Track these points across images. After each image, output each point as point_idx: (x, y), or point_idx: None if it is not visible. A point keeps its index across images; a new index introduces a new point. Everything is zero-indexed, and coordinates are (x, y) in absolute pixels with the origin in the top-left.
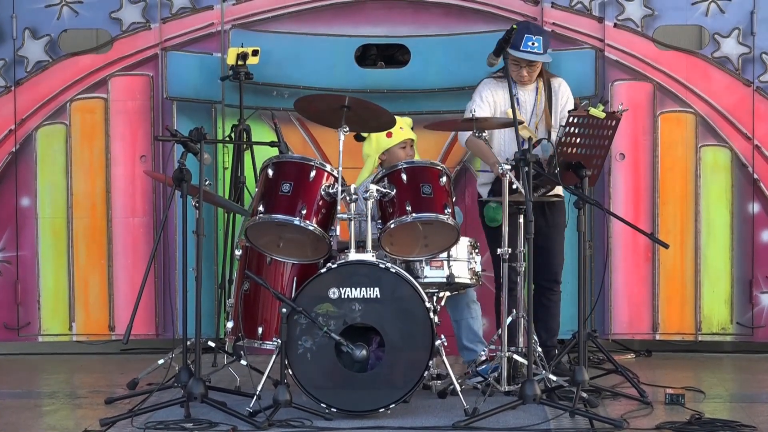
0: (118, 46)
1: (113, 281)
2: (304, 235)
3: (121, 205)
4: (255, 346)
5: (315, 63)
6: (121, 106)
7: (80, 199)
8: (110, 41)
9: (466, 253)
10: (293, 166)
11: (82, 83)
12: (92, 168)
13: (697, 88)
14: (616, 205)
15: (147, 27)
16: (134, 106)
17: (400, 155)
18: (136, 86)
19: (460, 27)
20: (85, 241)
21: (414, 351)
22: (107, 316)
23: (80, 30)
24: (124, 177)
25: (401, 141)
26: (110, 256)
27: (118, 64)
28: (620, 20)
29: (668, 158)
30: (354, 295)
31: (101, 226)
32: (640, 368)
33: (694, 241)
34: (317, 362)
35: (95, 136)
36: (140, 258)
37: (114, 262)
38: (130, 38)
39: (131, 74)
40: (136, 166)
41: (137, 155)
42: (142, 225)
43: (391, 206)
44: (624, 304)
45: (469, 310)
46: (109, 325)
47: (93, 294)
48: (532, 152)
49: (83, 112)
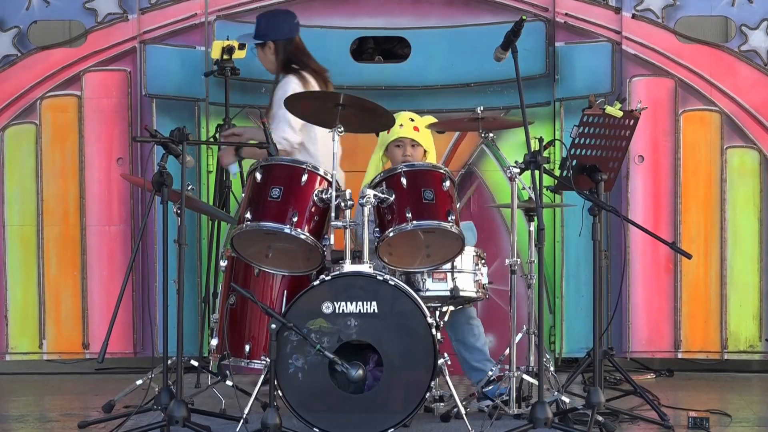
0: (93, 39)
1: (87, 295)
2: (295, 244)
3: (96, 212)
4: (242, 365)
5: None
6: (95, 104)
7: (51, 205)
8: (84, 33)
9: (472, 264)
10: (283, 170)
11: (53, 79)
12: (64, 171)
13: (723, 84)
14: (634, 211)
15: (124, 18)
16: (110, 104)
17: (394, 155)
18: (112, 82)
19: (464, 18)
20: (56, 251)
21: (414, 370)
22: (80, 333)
23: (51, 21)
24: (99, 181)
25: (395, 138)
26: (84, 268)
27: (92, 59)
28: (639, 11)
29: (691, 161)
30: (349, 310)
31: (74, 235)
32: (661, 389)
33: (719, 250)
34: (309, 383)
35: (68, 136)
36: (116, 269)
37: (88, 273)
38: (105, 30)
39: (107, 69)
40: (112, 169)
41: (113, 158)
42: (118, 233)
43: (390, 213)
44: (643, 319)
45: (470, 327)
46: (83, 342)
47: (65, 309)
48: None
49: (55, 111)
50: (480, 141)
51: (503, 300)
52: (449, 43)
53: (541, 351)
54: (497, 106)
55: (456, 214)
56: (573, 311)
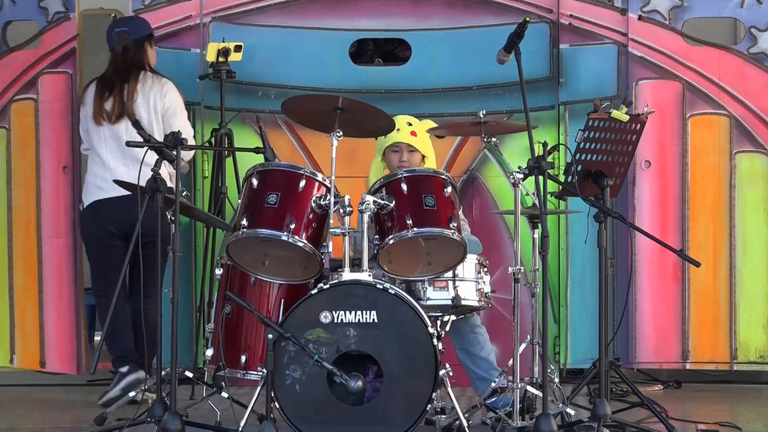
0: (46, 40)
1: (44, 310)
2: (292, 252)
3: (50, 223)
4: (238, 376)
5: (305, 60)
6: (48, 108)
7: (18, 214)
8: (38, 34)
9: (474, 272)
10: (280, 175)
11: (19, 81)
12: (26, 179)
13: (732, 87)
14: (640, 218)
15: (66, 17)
16: (59, 109)
17: (391, 160)
18: (60, 85)
19: (466, 20)
20: (22, 262)
21: (415, 382)
22: (38, 350)
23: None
24: (51, 190)
25: (392, 144)
26: (41, 281)
27: (46, 60)
28: (645, 12)
29: (699, 166)
30: (348, 320)
31: (33, 246)
32: (669, 401)
33: (728, 258)
34: (307, 394)
35: (28, 142)
36: (66, 284)
37: (44, 287)
38: (54, 30)
39: (55, 72)
40: (59, 177)
41: (61, 165)
42: (65, 246)
43: (390, 220)
44: (650, 329)
45: (475, 335)
46: (40, 359)
47: (29, 324)
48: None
49: (18, 116)
50: (482, 146)
51: (506, 309)
52: (451, 46)
53: (546, 362)
54: (500, 110)
55: (458, 221)
56: (578, 321)
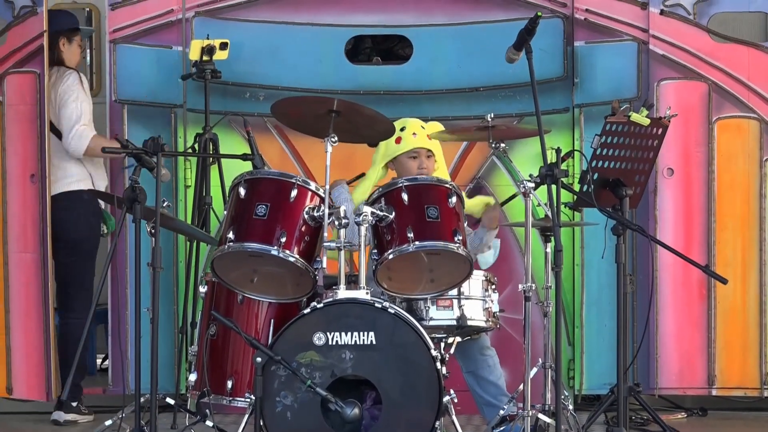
0: (12, 36)
1: (10, 331)
2: (283, 267)
3: (16, 237)
4: (223, 403)
5: (297, 58)
6: (14, 111)
7: None
8: (4, 30)
9: (481, 289)
10: (270, 184)
11: None
12: None
13: (762, 88)
14: (663, 231)
15: (33, 11)
16: (25, 112)
17: (408, 167)
18: (27, 87)
19: (473, 15)
20: None
21: (417, 409)
22: (4, 375)
23: None
24: (17, 201)
25: (411, 149)
26: (7, 300)
27: (11, 59)
28: (668, 6)
29: (727, 174)
30: (344, 341)
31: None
32: (693, 430)
33: (758, 274)
34: (299, 423)
35: None
36: (33, 302)
37: (11, 306)
38: (20, 26)
39: (21, 71)
40: (26, 187)
41: (28, 174)
42: (33, 262)
43: (390, 233)
44: (673, 351)
45: (484, 358)
46: (7, 385)
47: None
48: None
49: None
50: (490, 152)
51: (516, 330)
52: (456, 43)
53: (559, 387)
54: (509, 113)
55: (463, 234)
56: (594, 343)
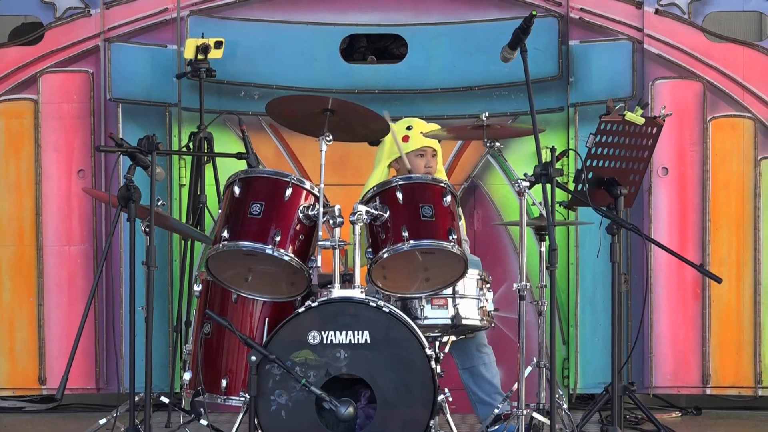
0: (51, 37)
1: (44, 323)
2: (277, 266)
3: (54, 231)
4: (218, 402)
5: (291, 57)
6: (54, 109)
7: (4, 222)
8: (42, 31)
9: (476, 288)
10: (265, 183)
11: (7, 81)
12: (19, 185)
13: (757, 88)
14: (657, 230)
15: (86, 13)
16: (70, 110)
17: (417, 165)
18: (73, 85)
19: (468, 13)
20: (9, 273)
21: (411, 408)
22: (37, 366)
23: (5, 17)
24: (58, 196)
25: (418, 148)
26: (40, 293)
27: (50, 59)
28: (663, 6)
29: (721, 173)
30: (339, 340)
31: (30, 256)
32: (688, 429)
33: (753, 274)
34: (294, 421)
35: (23, 146)
36: (77, 295)
37: (45, 299)
38: (65, 27)
39: (66, 71)
40: (72, 182)
41: (74, 169)
42: (80, 254)
43: (384, 231)
44: (668, 351)
45: (480, 355)
46: (39, 376)
47: (20, 339)
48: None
49: (9, 117)
50: (485, 151)
51: (511, 329)
52: (451, 42)
53: (554, 386)
54: (504, 112)
55: (458, 233)
56: (589, 342)
